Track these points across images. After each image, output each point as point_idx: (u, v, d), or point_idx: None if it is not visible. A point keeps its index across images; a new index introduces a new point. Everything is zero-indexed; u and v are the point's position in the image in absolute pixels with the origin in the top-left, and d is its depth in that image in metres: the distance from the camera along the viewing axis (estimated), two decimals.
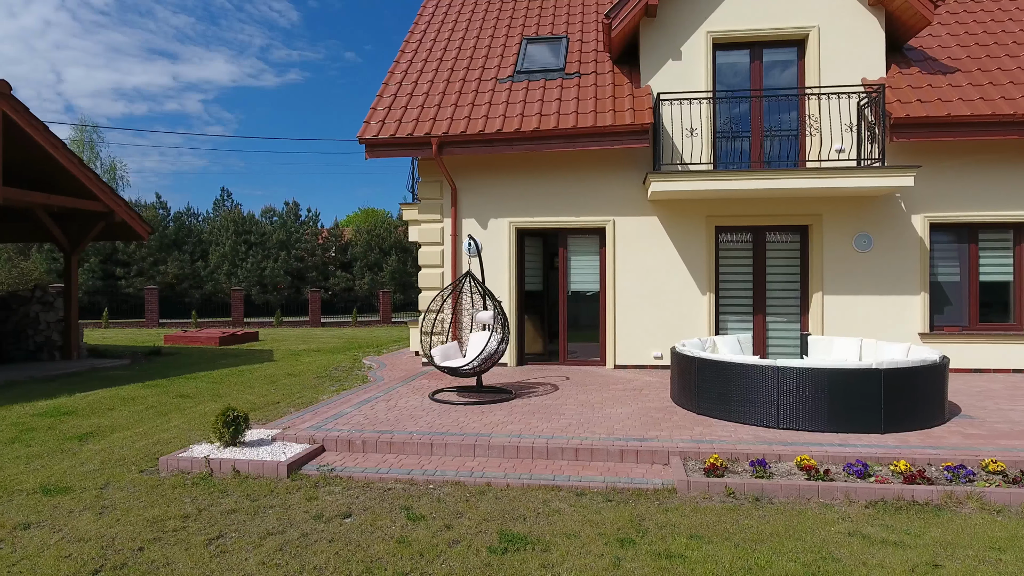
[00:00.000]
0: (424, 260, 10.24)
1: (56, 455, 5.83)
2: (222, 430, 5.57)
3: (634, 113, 9.07)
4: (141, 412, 7.64)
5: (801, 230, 9.60)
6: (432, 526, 4.13)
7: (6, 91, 9.52)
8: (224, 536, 4.00)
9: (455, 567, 3.55)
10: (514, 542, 3.86)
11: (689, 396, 6.76)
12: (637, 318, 9.73)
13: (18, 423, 7.06)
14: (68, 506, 4.55)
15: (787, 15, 9.40)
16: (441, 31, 12.00)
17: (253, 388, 9.31)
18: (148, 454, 5.85)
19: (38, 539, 3.98)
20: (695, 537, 3.93)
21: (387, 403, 7.31)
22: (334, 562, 3.62)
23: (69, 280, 11.83)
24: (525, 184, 9.98)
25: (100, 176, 11.17)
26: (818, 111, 8.81)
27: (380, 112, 9.99)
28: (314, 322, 22.66)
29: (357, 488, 4.89)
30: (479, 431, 5.98)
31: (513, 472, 5.16)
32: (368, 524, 4.17)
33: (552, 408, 6.99)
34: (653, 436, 5.77)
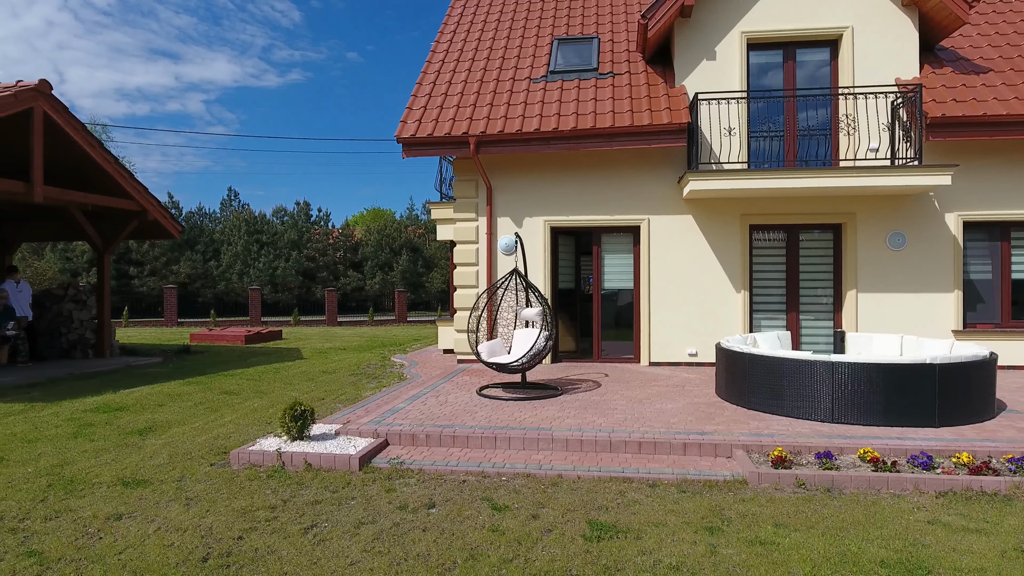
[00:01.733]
0: (460, 258, 10.33)
1: (122, 449, 5.91)
2: (290, 424, 5.66)
3: (670, 112, 9.17)
4: (191, 408, 7.72)
5: (834, 228, 9.70)
6: (519, 516, 4.22)
7: (47, 90, 9.60)
8: (318, 525, 4.09)
9: (556, 553, 3.64)
10: (605, 530, 3.95)
11: (738, 392, 6.85)
12: (671, 316, 9.83)
13: (74, 419, 7.15)
14: (152, 498, 4.63)
15: (820, 15, 9.50)
16: (471, 31, 12.09)
17: (294, 385, 9.39)
18: (212, 448, 5.94)
19: (135, 529, 4.06)
20: (780, 525, 4.02)
21: (437, 399, 7.40)
22: (435, 549, 3.71)
23: (102, 279, 11.91)
24: (559, 183, 10.08)
25: (134, 175, 11.24)
26: (855, 111, 8.91)
27: (416, 112, 10.08)
28: (331, 321, 22.74)
29: (431, 480, 4.98)
30: (538, 425, 6.07)
31: (581, 465, 5.25)
32: (455, 514, 4.26)
33: (602, 404, 7.08)
34: (711, 430, 5.86)
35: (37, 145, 9.50)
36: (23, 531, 4.03)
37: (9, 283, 11.06)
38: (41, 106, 9.52)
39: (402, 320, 23.29)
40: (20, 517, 4.26)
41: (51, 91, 9.64)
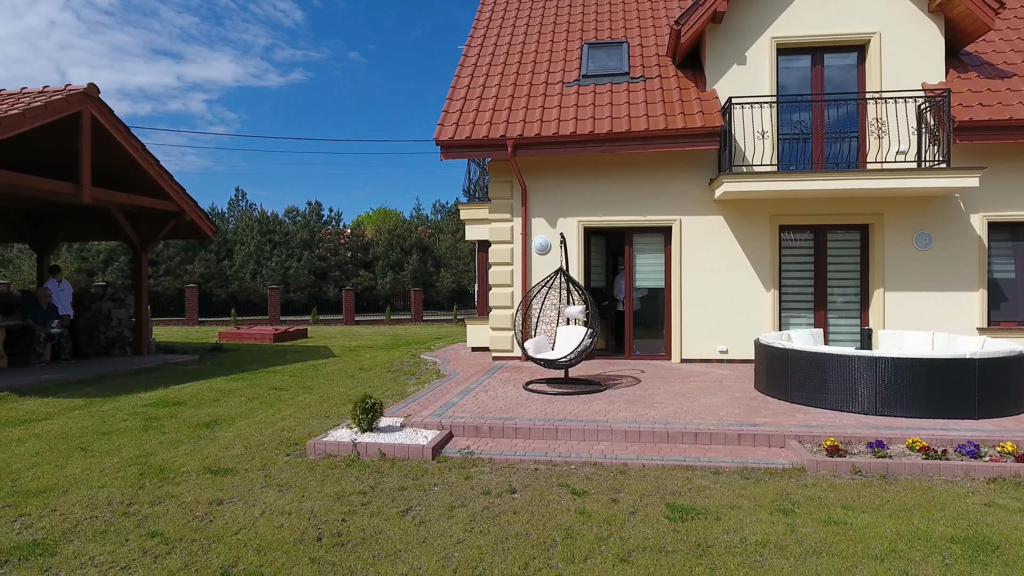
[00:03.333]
0: (495, 258, 10.59)
1: (196, 441, 6.16)
2: (361, 417, 5.91)
3: (703, 116, 9.43)
4: (245, 404, 7.98)
5: (862, 229, 9.97)
6: (599, 500, 4.48)
7: (95, 94, 9.85)
8: (413, 509, 4.34)
9: (646, 531, 3.90)
10: (685, 512, 4.21)
11: (780, 386, 7.12)
12: (702, 314, 10.09)
13: (138, 413, 7.40)
14: (244, 485, 4.89)
15: (849, 21, 9.77)
16: (500, 36, 12.35)
17: (336, 381, 9.65)
18: (281, 440, 6.19)
19: (240, 512, 4.32)
20: (848, 508, 4.29)
21: (486, 393, 7.66)
22: (531, 529, 3.97)
23: (139, 278, 12.16)
24: (592, 184, 10.34)
25: (173, 177, 11.49)
26: (884, 114, 9.18)
27: (452, 115, 10.34)
28: (348, 320, 23.00)
29: (504, 469, 5.24)
30: (594, 418, 6.33)
31: (643, 454, 5.51)
32: (537, 498, 4.52)
33: (647, 398, 7.35)
34: (762, 422, 6.13)
35: (85, 147, 9.75)
36: (135, 514, 4.29)
37: (51, 282, 11.31)
38: (89, 109, 9.77)
39: (418, 319, 23.55)
40: (127, 502, 4.51)
41: (98, 94, 9.89)
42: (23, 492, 4.71)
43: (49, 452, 5.76)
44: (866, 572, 3.36)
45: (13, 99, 9.49)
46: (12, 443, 6.07)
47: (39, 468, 5.29)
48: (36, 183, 9.14)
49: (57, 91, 9.63)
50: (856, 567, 3.43)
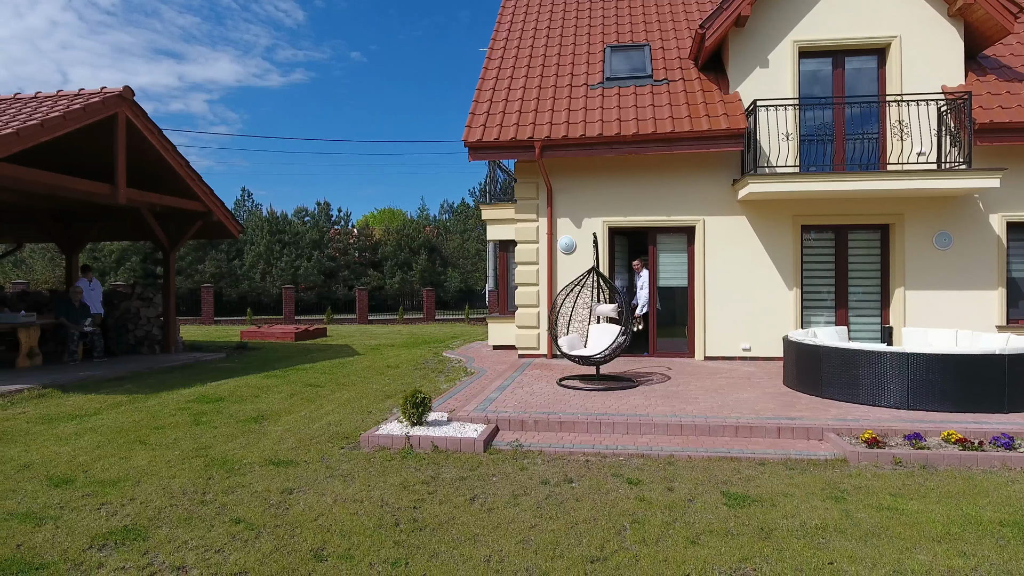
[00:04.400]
0: (520, 257, 10.78)
1: (248, 435, 6.34)
2: (411, 411, 6.10)
3: (728, 118, 9.62)
4: (285, 399, 8.16)
5: (882, 228, 10.17)
6: (655, 488, 4.67)
7: (130, 96, 10.03)
8: (478, 497, 4.53)
9: (708, 517, 4.09)
10: (740, 499, 4.40)
11: (811, 382, 7.31)
12: (726, 312, 10.28)
13: (183, 408, 7.58)
14: (308, 475, 5.07)
15: (870, 25, 9.96)
16: (522, 39, 12.54)
17: (368, 378, 9.83)
18: (331, 434, 6.37)
19: (313, 501, 4.50)
20: (896, 495, 4.48)
21: (523, 390, 7.85)
22: (598, 515, 4.16)
23: (168, 277, 12.34)
24: (616, 185, 10.53)
25: (201, 177, 11.67)
26: (908, 117, 9.38)
27: (479, 116, 10.52)
28: (362, 319, 23.18)
29: (556, 460, 5.42)
30: (634, 412, 6.52)
31: (688, 447, 5.70)
32: (595, 487, 4.71)
33: (681, 393, 7.54)
34: (798, 415, 6.32)
35: (121, 149, 9.94)
36: (212, 503, 4.47)
37: (82, 281, 11.49)
38: (124, 111, 9.96)
39: (430, 318, 23.73)
40: (201, 491, 4.70)
41: (133, 97, 10.07)
42: (98, 482, 4.89)
43: (109, 445, 5.95)
44: (927, 553, 3.55)
45: (51, 102, 9.68)
46: (70, 437, 6.25)
47: (105, 460, 5.47)
48: (75, 184, 9.33)
49: (94, 94, 9.81)
50: (916, 548, 3.62)
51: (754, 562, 3.46)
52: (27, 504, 4.42)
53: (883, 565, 3.41)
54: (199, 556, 3.61)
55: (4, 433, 6.36)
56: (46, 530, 3.97)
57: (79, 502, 4.46)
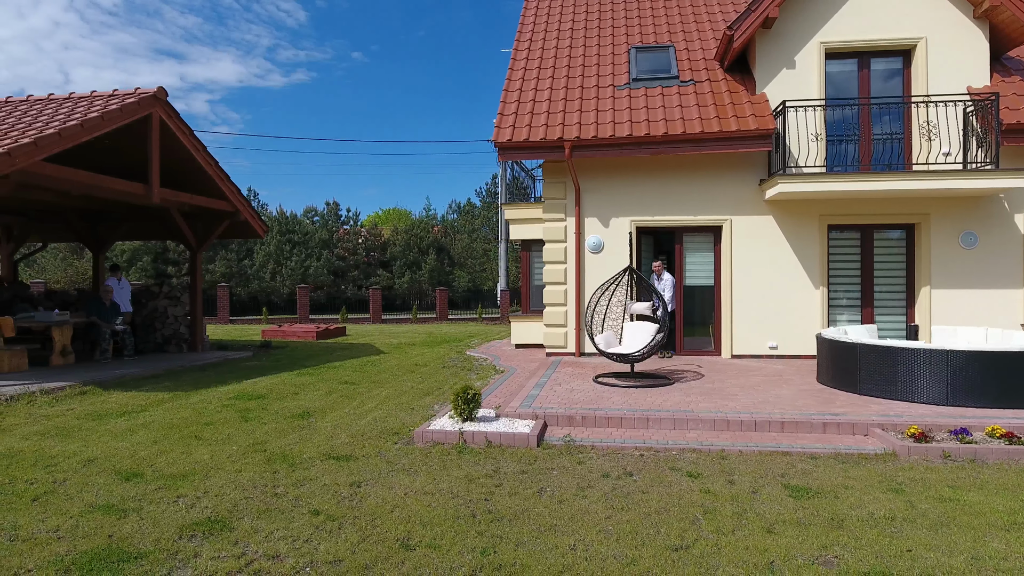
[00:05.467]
0: (548, 257, 10.88)
1: (299, 431, 6.44)
2: (463, 407, 6.20)
3: (756, 119, 9.73)
4: (324, 397, 8.25)
5: (907, 228, 10.28)
6: (716, 482, 4.78)
7: (163, 97, 10.13)
8: (545, 490, 4.63)
9: (777, 508, 4.20)
10: (803, 492, 4.51)
11: (847, 379, 7.41)
12: (752, 311, 10.39)
13: (227, 405, 7.68)
14: (370, 469, 5.17)
15: (895, 27, 10.07)
16: (546, 40, 12.64)
17: (400, 376, 9.93)
18: (381, 429, 6.47)
19: (383, 493, 4.60)
20: (953, 487, 4.59)
21: (561, 387, 7.95)
22: (668, 506, 4.26)
23: (195, 276, 12.43)
24: (643, 185, 10.63)
25: (229, 177, 11.77)
26: (936, 117, 9.49)
27: (508, 117, 10.63)
28: (375, 318, 23.28)
29: (610, 454, 5.53)
30: (678, 408, 6.62)
31: (737, 441, 5.81)
32: (657, 481, 4.81)
33: (719, 390, 7.65)
34: (841, 411, 6.42)
35: (155, 149, 10.04)
36: (285, 495, 4.57)
37: (112, 280, 11.58)
38: (158, 112, 10.06)
39: (443, 318, 23.83)
40: (271, 484, 4.79)
41: (167, 97, 10.17)
42: (167, 476, 4.99)
43: (165, 441, 6.04)
44: (998, 541, 3.66)
45: (86, 102, 9.78)
46: (125, 432, 6.35)
47: (167, 455, 5.56)
48: (112, 184, 9.43)
49: (128, 94, 9.91)
50: (986, 536, 3.72)
51: (833, 550, 3.56)
52: (104, 497, 4.52)
53: (959, 552, 3.52)
54: (290, 546, 3.71)
55: (59, 429, 6.46)
56: (131, 521, 4.07)
57: (154, 495, 4.56)
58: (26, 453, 5.62)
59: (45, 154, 8.10)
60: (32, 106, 10.06)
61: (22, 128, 8.64)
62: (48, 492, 4.63)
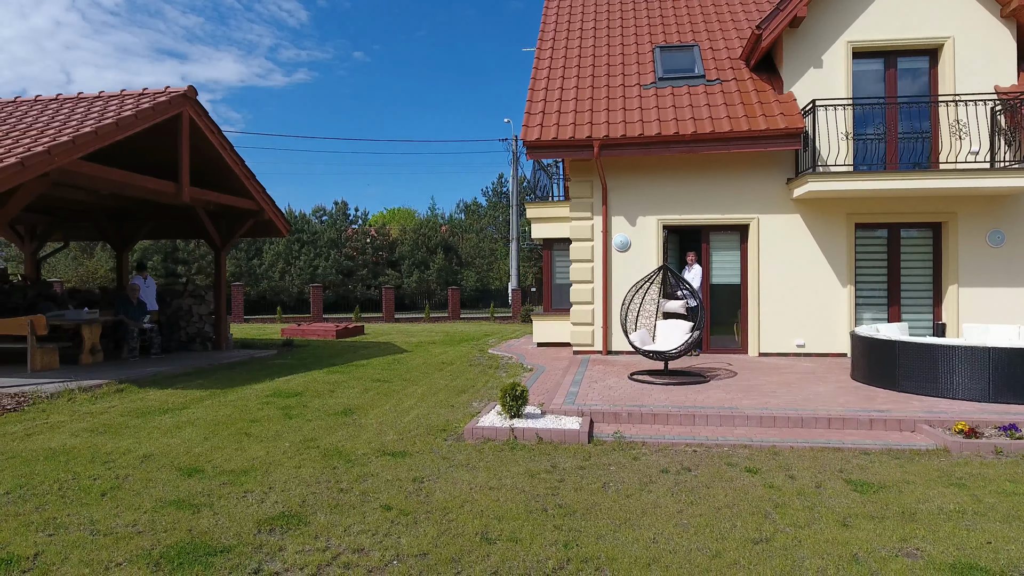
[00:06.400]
0: (575, 255, 10.92)
1: (346, 428, 6.47)
2: (510, 403, 6.24)
3: (785, 118, 9.77)
4: (361, 394, 8.27)
5: (934, 227, 10.33)
6: (776, 477, 4.81)
7: (193, 96, 10.16)
8: (609, 485, 4.67)
9: (845, 502, 4.24)
10: (865, 486, 4.54)
11: (885, 376, 7.45)
12: (779, 309, 10.43)
13: (267, 402, 7.71)
14: (428, 465, 5.19)
15: (923, 26, 10.12)
16: (569, 40, 12.67)
17: (429, 374, 9.96)
18: (427, 426, 6.50)
19: (448, 488, 4.62)
20: (1014, 481, 4.63)
21: (598, 384, 7.99)
22: (736, 501, 4.30)
23: (219, 275, 12.46)
24: (670, 184, 10.67)
25: (255, 176, 11.79)
26: (966, 116, 9.54)
27: (535, 116, 10.67)
28: (388, 317, 23.31)
29: (662, 450, 5.56)
30: (722, 405, 6.67)
31: (786, 438, 5.85)
32: (717, 476, 4.85)
33: (756, 387, 7.69)
34: (885, 408, 6.46)
35: (185, 148, 10.07)
36: (351, 491, 4.59)
37: (138, 278, 11.60)
38: (187, 111, 10.08)
39: (455, 317, 23.86)
40: (334, 480, 4.82)
41: (196, 96, 10.19)
42: (228, 472, 5.02)
43: (216, 437, 6.07)
44: None
45: (116, 101, 9.81)
46: (172, 429, 6.38)
47: (221, 451, 5.59)
48: (144, 182, 9.46)
49: (158, 93, 9.94)
50: None
51: (913, 542, 3.60)
52: (171, 492, 4.55)
53: None
54: (372, 539, 3.74)
55: (107, 426, 6.49)
56: (206, 516, 4.10)
57: (220, 490, 4.59)
58: (80, 450, 5.65)
59: (82, 152, 8.14)
60: (62, 105, 10.08)
61: (57, 127, 8.67)
62: (114, 487, 4.66)
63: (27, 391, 7.71)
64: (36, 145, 7.81)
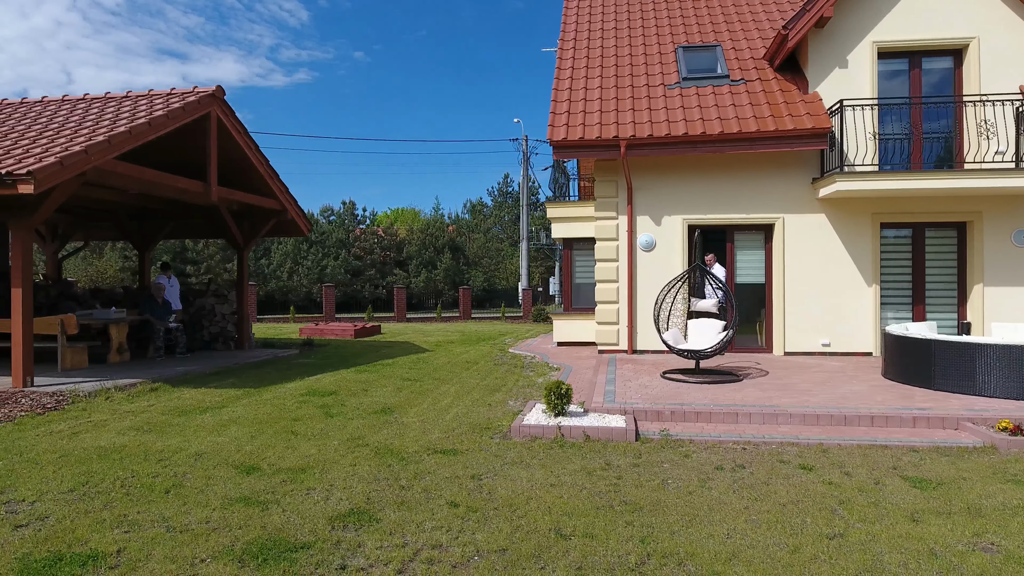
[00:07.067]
0: (600, 255, 10.96)
1: (389, 427, 6.49)
2: (555, 402, 6.27)
3: (811, 118, 9.82)
4: (395, 393, 8.30)
5: (959, 226, 10.38)
6: (831, 473, 4.85)
7: (221, 95, 10.18)
8: (668, 482, 4.70)
9: (908, 498, 4.28)
10: (923, 483, 4.59)
11: (920, 375, 7.49)
12: (804, 309, 10.48)
13: (304, 401, 7.74)
14: (481, 463, 5.22)
15: (948, 27, 10.17)
16: (591, 40, 12.71)
17: (458, 374, 10.00)
18: (471, 424, 6.52)
19: (508, 485, 4.65)
20: None
21: (632, 383, 8.03)
22: (799, 498, 4.34)
23: (242, 274, 12.48)
24: (695, 183, 10.72)
25: (278, 175, 11.82)
26: (992, 116, 9.59)
27: (560, 116, 10.71)
28: (400, 317, 23.34)
29: (712, 448, 5.60)
30: (763, 403, 6.70)
31: (832, 436, 5.88)
32: (773, 473, 4.89)
33: (790, 386, 7.73)
34: (926, 406, 6.50)
35: (213, 147, 10.09)
36: (412, 488, 4.62)
37: (162, 278, 11.62)
38: (215, 110, 10.11)
39: (466, 316, 23.90)
40: (394, 478, 4.84)
41: (224, 96, 10.22)
42: (285, 470, 5.04)
43: (262, 436, 6.09)
44: None
45: (145, 101, 9.83)
46: (217, 428, 6.40)
47: (272, 449, 5.62)
48: (174, 182, 9.48)
49: (187, 93, 9.96)
50: None
51: (987, 537, 3.64)
52: (233, 490, 4.57)
53: None
54: (448, 536, 3.77)
55: (151, 425, 6.51)
56: (276, 513, 4.13)
57: (282, 488, 4.62)
58: (131, 448, 5.67)
59: (117, 152, 8.16)
60: (90, 105, 10.10)
61: (90, 126, 8.69)
62: (176, 485, 4.68)
63: (65, 390, 7.73)
64: (72, 144, 7.83)
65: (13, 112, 10.04)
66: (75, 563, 3.43)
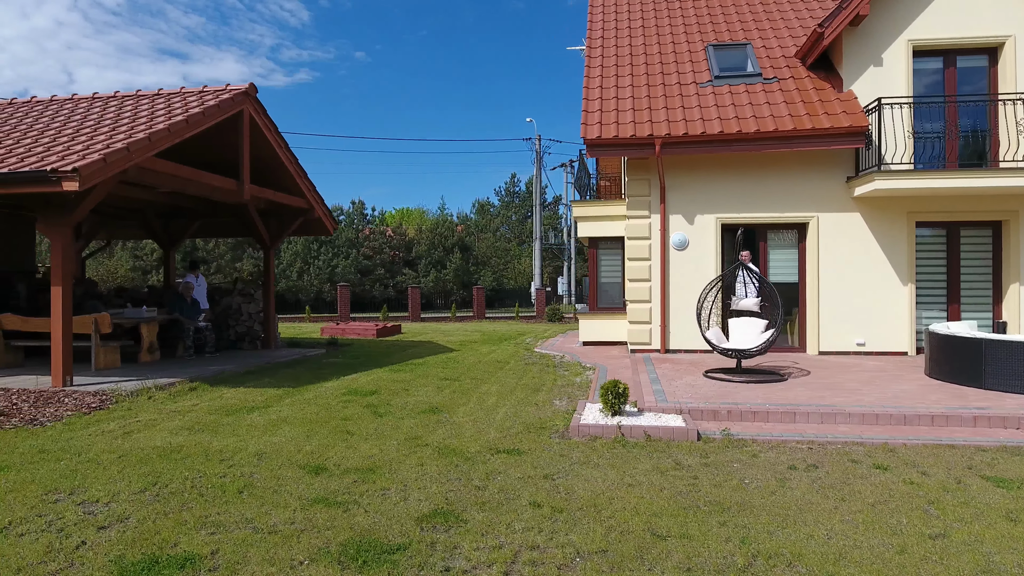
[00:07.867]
0: (632, 254, 10.91)
1: (442, 427, 6.42)
2: (612, 401, 6.22)
3: (848, 116, 9.78)
4: (437, 392, 8.24)
5: (994, 225, 10.34)
6: (908, 473, 4.80)
7: (253, 93, 10.12)
8: (746, 481, 4.65)
9: (995, 498, 4.23)
10: (1005, 482, 4.54)
11: (969, 374, 7.45)
12: (839, 307, 10.44)
13: (348, 401, 7.68)
14: (548, 462, 5.16)
15: (983, 25, 10.13)
16: (619, 39, 12.66)
17: (494, 373, 9.94)
18: (525, 424, 6.45)
19: (584, 484, 4.59)
20: None
21: (677, 382, 7.98)
22: (887, 497, 4.29)
23: (268, 273, 12.41)
24: (727, 182, 10.67)
25: (307, 174, 11.75)
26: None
27: (593, 115, 10.66)
28: (414, 316, 23.27)
29: (776, 447, 5.55)
30: (817, 402, 6.66)
31: (894, 435, 5.83)
32: (848, 472, 4.83)
33: (837, 385, 7.68)
34: (983, 405, 6.46)
35: (246, 146, 10.04)
36: (487, 488, 4.56)
37: (191, 277, 11.55)
38: (248, 108, 10.05)
39: (480, 316, 23.83)
40: (464, 478, 4.79)
41: (256, 93, 10.15)
42: (353, 470, 4.98)
43: (317, 435, 6.03)
44: None
45: (180, 99, 9.77)
46: (269, 427, 6.34)
47: (332, 449, 5.56)
48: (209, 180, 9.42)
49: (220, 90, 9.90)
50: None
51: None
52: (307, 490, 4.51)
53: None
54: (543, 537, 3.72)
55: (200, 425, 6.45)
56: (359, 514, 4.07)
57: (356, 488, 4.56)
58: (189, 448, 5.61)
59: (157, 149, 8.10)
60: (123, 102, 10.03)
61: (127, 124, 8.62)
62: (247, 486, 4.62)
63: (107, 389, 7.67)
64: (113, 142, 7.77)
65: (45, 110, 9.97)
66: (172, 565, 3.37)
